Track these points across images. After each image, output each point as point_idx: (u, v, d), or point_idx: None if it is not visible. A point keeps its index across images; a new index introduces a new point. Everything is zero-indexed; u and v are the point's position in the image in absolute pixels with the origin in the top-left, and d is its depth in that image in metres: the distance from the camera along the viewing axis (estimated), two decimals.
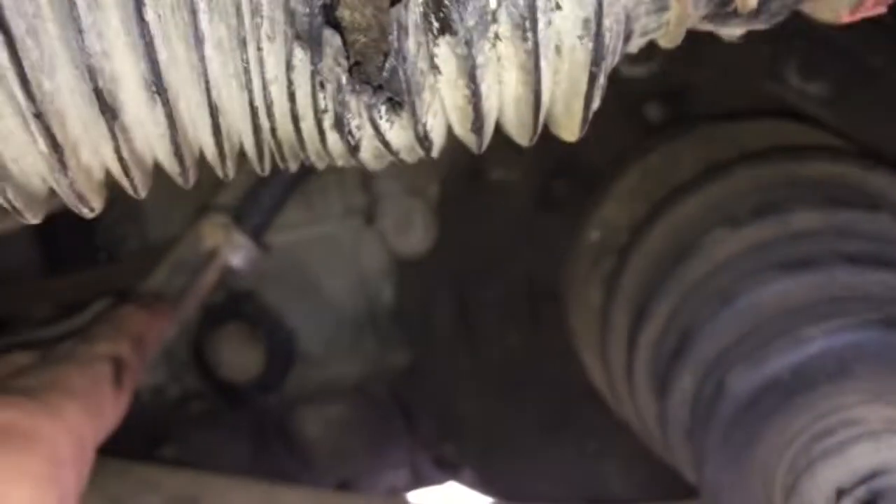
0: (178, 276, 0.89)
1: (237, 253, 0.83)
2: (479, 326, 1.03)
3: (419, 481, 1.15)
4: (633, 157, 0.86)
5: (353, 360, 1.09)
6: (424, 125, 0.38)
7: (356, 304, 1.08)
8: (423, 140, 0.39)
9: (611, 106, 0.98)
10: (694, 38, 1.01)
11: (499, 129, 0.44)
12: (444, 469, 1.18)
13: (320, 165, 0.43)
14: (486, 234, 1.00)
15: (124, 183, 0.40)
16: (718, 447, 0.64)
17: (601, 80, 0.41)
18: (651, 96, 0.99)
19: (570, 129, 0.44)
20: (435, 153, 0.41)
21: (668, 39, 0.47)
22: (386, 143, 0.38)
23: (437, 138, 0.40)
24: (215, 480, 0.86)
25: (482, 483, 1.08)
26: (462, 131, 0.41)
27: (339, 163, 0.42)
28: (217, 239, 0.83)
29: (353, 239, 1.07)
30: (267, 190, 0.84)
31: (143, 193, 0.41)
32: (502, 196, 1.00)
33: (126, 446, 0.92)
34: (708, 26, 0.47)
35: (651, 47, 1.04)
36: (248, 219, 0.84)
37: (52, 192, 0.40)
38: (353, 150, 0.38)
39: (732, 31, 0.47)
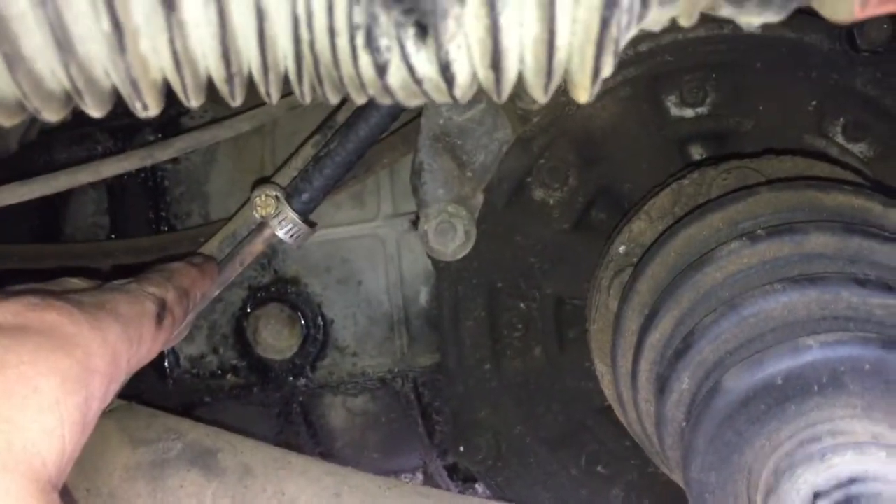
0: (229, 245, 0.95)
1: (284, 225, 0.89)
2: (506, 338, 1.07)
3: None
4: (668, 183, 0.90)
5: (382, 356, 1.13)
6: (447, 54, 0.43)
7: (393, 303, 1.13)
8: (446, 70, 0.44)
9: (656, 142, 1.04)
10: (743, 89, 1.04)
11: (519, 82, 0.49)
12: (457, 481, 1.21)
13: (356, 97, 0.48)
14: (522, 249, 1.05)
15: (176, 84, 0.46)
16: (707, 446, 0.66)
17: (613, 31, 0.44)
18: (696, 138, 1.03)
19: (583, 84, 0.48)
20: (458, 92, 0.46)
21: (686, 17, 0.50)
22: (411, 68, 0.43)
23: (460, 72, 0.45)
24: (235, 438, 0.91)
25: (492, 494, 1.10)
26: (483, 70, 0.46)
27: (371, 91, 0.47)
28: (268, 209, 0.89)
29: (397, 241, 1.13)
30: (320, 171, 0.91)
31: (193, 101, 0.47)
32: (542, 216, 1.04)
33: (161, 407, 0.99)
34: (725, 9, 0.51)
35: (703, 91, 1.08)
36: (298, 195, 0.90)
37: (114, 89, 0.46)
38: (381, 71, 0.44)
39: (750, 19, 0.50)
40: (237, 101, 0.47)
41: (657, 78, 1.02)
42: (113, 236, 1.14)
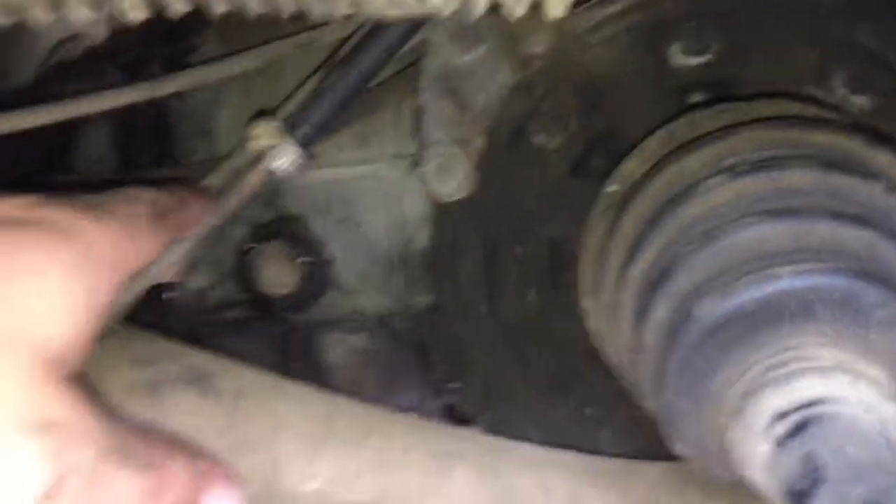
0: (230, 178, 0.98)
1: (283, 156, 0.91)
2: (501, 280, 1.08)
3: None
4: (661, 125, 0.91)
5: (381, 295, 1.16)
6: None
7: (392, 243, 1.15)
8: None
9: (657, 90, 1.04)
10: (746, 38, 1.05)
11: None
12: (453, 421, 1.23)
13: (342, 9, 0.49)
14: (521, 193, 1.06)
15: None
16: (679, 373, 0.68)
17: None
18: (698, 86, 1.03)
19: None
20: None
21: None
22: None
23: None
24: (231, 364, 0.94)
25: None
26: None
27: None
28: (266, 140, 0.91)
29: (398, 182, 1.15)
30: (319, 103, 0.92)
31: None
32: (541, 160, 1.05)
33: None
34: None
35: (705, 40, 1.08)
36: (298, 127, 0.92)
37: None
38: None
39: None
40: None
41: (660, 26, 1.02)
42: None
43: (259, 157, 0.92)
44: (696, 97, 1.04)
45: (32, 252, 0.59)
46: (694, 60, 1.04)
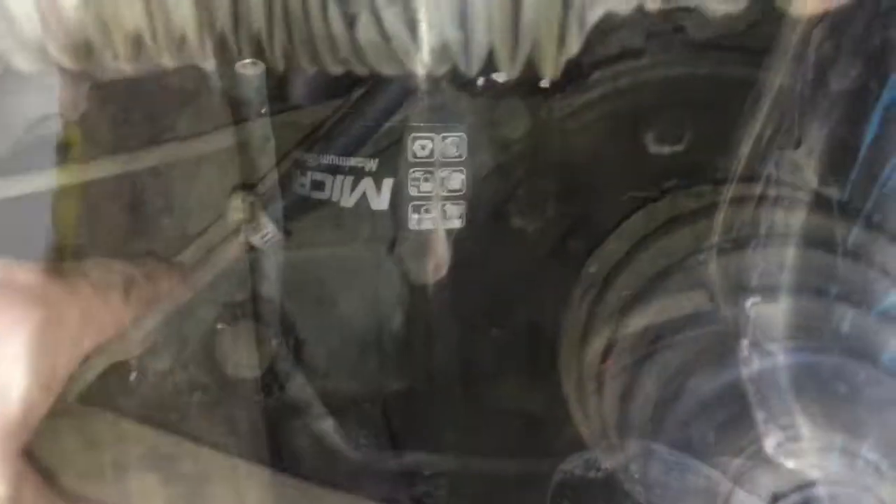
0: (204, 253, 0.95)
1: (258, 231, 0.90)
2: (476, 364, 1.06)
3: None
4: (640, 208, 0.91)
5: (353, 378, 1.12)
6: (416, 11, 0.44)
7: (366, 325, 1.12)
8: (413, 27, 0.45)
9: (634, 176, 1.06)
10: (721, 127, 1.07)
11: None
12: None
13: (329, 62, 0.48)
14: (498, 276, 1.05)
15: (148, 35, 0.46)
16: (669, 451, 0.65)
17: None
18: (673, 172, 1.05)
19: (549, 59, 0.48)
20: (426, 56, 0.47)
21: None
22: (380, 21, 0.44)
23: (429, 31, 0.45)
24: (194, 447, 0.90)
25: None
26: (452, 30, 0.46)
27: (343, 52, 0.47)
28: (242, 214, 0.89)
29: (374, 264, 1.13)
30: (296, 180, 0.91)
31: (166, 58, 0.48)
32: (519, 243, 1.05)
33: None
34: None
35: (681, 129, 1.11)
36: (274, 202, 0.91)
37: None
38: (351, 22, 0.45)
39: (715, 6, 0.52)
40: (208, 61, 0.48)
41: (636, 114, 1.04)
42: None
43: (235, 231, 0.91)
44: (673, 182, 1.06)
45: None
46: (669, 148, 1.06)
